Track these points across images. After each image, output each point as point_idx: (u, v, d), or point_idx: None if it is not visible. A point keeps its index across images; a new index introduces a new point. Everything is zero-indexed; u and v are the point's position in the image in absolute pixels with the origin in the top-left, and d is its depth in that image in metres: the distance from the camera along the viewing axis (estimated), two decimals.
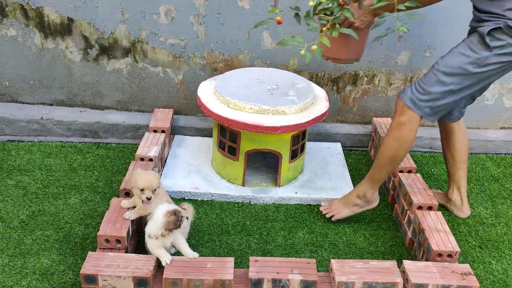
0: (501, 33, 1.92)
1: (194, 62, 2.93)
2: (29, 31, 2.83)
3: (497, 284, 2.16)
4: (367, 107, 3.12)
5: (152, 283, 1.82)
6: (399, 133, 2.16)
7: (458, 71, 2.01)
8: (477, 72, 1.99)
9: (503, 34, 1.92)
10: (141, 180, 2.04)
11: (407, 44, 2.91)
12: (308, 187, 2.64)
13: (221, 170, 2.64)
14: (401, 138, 2.16)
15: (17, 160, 2.73)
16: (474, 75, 2.01)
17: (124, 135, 3.04)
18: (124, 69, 2.95)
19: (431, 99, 2.07)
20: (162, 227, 1.89)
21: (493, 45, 1.93)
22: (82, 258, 2.09)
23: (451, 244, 2.05)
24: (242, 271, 1.92)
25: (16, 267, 2.06)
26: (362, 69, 2.98)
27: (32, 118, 2.96)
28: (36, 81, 2.99)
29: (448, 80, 2.03)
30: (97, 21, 2.80)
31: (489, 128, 3.27)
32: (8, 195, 2.46)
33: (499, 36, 1.92)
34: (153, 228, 1.92)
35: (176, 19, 2.80)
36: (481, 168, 3.00)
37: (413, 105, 2.10)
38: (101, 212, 2.39)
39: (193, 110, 3.10)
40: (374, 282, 1.83)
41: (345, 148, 3.10)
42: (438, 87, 2.05)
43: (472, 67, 1.99)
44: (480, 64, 1.98)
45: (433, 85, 2.06)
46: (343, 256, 2.25)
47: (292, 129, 2.35)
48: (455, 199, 2.53)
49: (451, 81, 2.03)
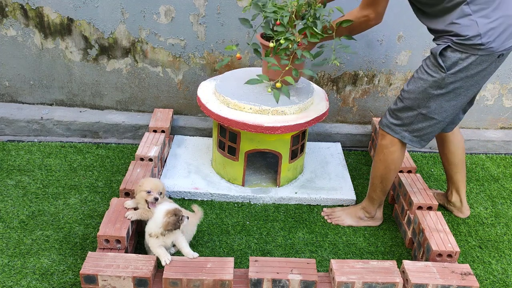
0: (451, 51, 1.91)
1: (194, 62, 2.93)
2: (29, 31, 2.83)
3: (497, 284, 2.16)
4: (367, 107, 3.12)
5: (152, 283, 1.82)
6: (382, 155, 2.22)
7: (421, 95, 2.02)
8: (440, 93, 1.99)
9: (453, 51, 1.90)
10: (147, 182, 2.09)
11: (407, 44, 2.91)
12: (308, 187, 2.64)
13: (221, 170, 2.64)
14: (385, 160, 2.22)
15: (17, 160, 2.73)
16: (438, 96, 2.00)
17: (124, 135, 3.04)
18: (124, 69, 2.95)
19: (404, 123, 2.12)
20: (162, 226, 1.89)
21: (446, 65, 1.92)
22: (82, 258, 2.09)
23: (451, 244, 2.05)
24: (242, 271, 1.92)
25: (16, 267, 2.06)
26: (362, 69, 2.98)
27: (32, 118, 2.96)
28: (36, 81, 2.99)
29: (414, 105, 2.06)
30: (97, 21, 2.80)
31: (489, 128, 3.27)
32: (8, 195, 2.46)
33: (450, 55, 1.91)
34: (153, 227, 1.92)
35: (176, 19, 2.80)
36: (481, 168, 3.00)
37: (389, 129, 2.17)
38: (101, 212, 2.39)
39: (193, 110, 3.10)
40: (374, 282, 1.83)
41: (345, 148, 3.10)
42: (406, 112, 2.09)
43: (432, 90, 1.99)
44: (440, 86, 1.97)
45: (401, 110, 2.11)
46: (343, 256, 2.25)
47: (292, 129, 2.35)
48: (454, 201, 2.54)
49: (417, 105, 2.05)
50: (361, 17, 2.04)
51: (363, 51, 2.92)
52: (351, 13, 2.09)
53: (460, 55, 1.89)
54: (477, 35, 1.84)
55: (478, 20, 1.83)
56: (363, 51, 2.92)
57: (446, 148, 2.45)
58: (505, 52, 1.93)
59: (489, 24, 1.84)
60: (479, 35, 1.84)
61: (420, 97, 2.03)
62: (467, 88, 1.99)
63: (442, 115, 2.05)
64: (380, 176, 2.27)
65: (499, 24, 1.85)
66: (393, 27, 2.84)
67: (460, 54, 1.89)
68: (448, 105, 2.02)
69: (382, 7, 2.01)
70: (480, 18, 1.84)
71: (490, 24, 1.84)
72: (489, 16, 1.84)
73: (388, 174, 2.25)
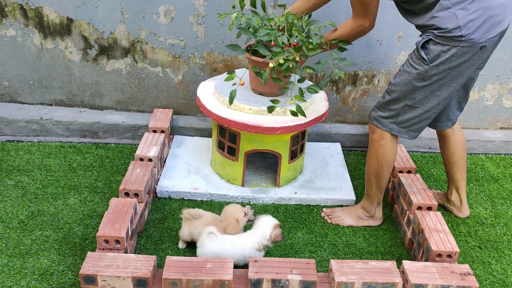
0: (433, 44, 1.97)
1: (193, 62, 2.93)
2: (29, 31, 2.83)
3: (497, 284, 2.16)
4: (366, 107, 3.12)
5: (152, 283, 1.82)
6: (374, 149, 2.27)
7: (406, 87, 2.09)
8: (424, 85, 2.05)
9: (435, 44, 1.96)
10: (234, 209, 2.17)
11: (406, 44, 2.91)
12: (308, 187, 2.63)
13: (220, 171, 2.64)
14: (377, 154, 2.26)
15: (17, 160, 2.73)
16: (422, 88, 2.06)
17: (124, 135, 3.04)
18: (124, 69, 2.95)
19: (391, 115, 2.18)
20: (272, 238, 2.02)
21: (429, 58, 1.99)
22: (81, 259, 2.09)
23: (450, 245, 2.05)
24: (241, 271, 1.92)
25: (15, 268, 2.06)
26: (361, 69, 2.98)
27: (31, 118, 2.95)
28: (35, 81, 2.99)
29: (400, 97, 2.12)
30: (97, 21, 2.80)
31: (489, 128, 3.27)
32: (7, 195, 2.46)
33: (432, 47, 1.97)
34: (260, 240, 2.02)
35: (176, 19, 2.80)
36: (481, 168, 3.00)
37: (377, 122, 2.22)
38: (101, 212, 2.39)
39: (192, 110, 3.10)
40: (373, 282, 1.83)
41: (345, 148, 3.10)
42: (393, 105, 2.16)
43: (416, 82, 2.06)
44: (423, 78, 2.03)
45: (389, 102, 2.17)
46: (342, 257, 2.25)
47: (291, 129, 2.35)
48: (454, 200, 2.54)
49: (403, 97, 2.11)
50: (356, 27, 2.10)
51: (362, 51, 2.92)
52: (344, 25, 2.15)
53: (442, 47, 1.95)
54: (457, 27, 1.89)
55: (457, 13, 1.88)
56: (363, 51, 2.92)
57: (446, 147, 2.46)
58: (487, 44, 1.97)
59: (468, 16, 1.88)
60: (459, 27, 1.89)
61: (405, 89, 2.09)
62: (451, 79, 2.04)
63: (427, 105, 2.11)
64: (374, 171, 2.29)
65: (478, 16, 1.89)
66: (392, 27, 2.83)
67: (442, 46, 1.95)
68: (432, 95, 2.08)
69: (374, 14, 2.08)
70: (459, 10, 1.88)
71: (469, 16, 1.88)
72: (468, 8, 1.88)
73: (381, 169, 2.28)
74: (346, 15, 2.25)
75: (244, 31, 2.17)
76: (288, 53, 2.10)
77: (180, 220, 2.24)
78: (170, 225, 2.35)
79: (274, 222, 2.06)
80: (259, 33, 2.14)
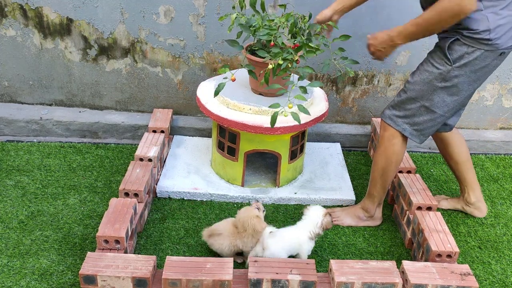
0: (459, 44, 1.95)
1: (193, 62, 2.93)
2: (28, 31, 2.83)
3: (496, 285, 2.16)
4: (366, 107, 3.12)
5: (151, 283, 1.82)
6: (383, 147, 2.25)
7: (426, 87, 2.07)
8: (444, 86, 2.03)
9: (461, 45, 1.95)
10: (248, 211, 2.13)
11: (406, 44, 2.89)
12: (308, 187, 2.63)
13: (220, 171, 2.64)
14: (386, 152, 2.24)
15: (16, 160, 2.73)
16: (442, 90, 2.04)
17: (123, 135, 3.04)
18: (124, 69, 2.95)
19: (406, 115, 2.15)
20: (323, 226, 2.09)
21: (453, 58, 1.97)
22: (81, 259, 2.09)
23: (450, 245, 2.05)
24: (241, 271, 1.92)
25: (15, 268, 2.06)
26: (361, 70, 2.98)
27: (31, 118, 2.95)
28: (35, 81, 2.99)
29: (418, 96, 2.10)
30: (97, 21, 2.80)
31: (489, 128, 3.27)
32: (7, 195, 2.46)
33: (457, 48, 1.96)
34: (311, 229, 2.07)
35: (176, 19, 2.80)
36: (481, 168, 3.00)
37: (391, 121, 2.20)
38: (100, 212, 2.39)
39: (192, 110, 3.10)
40: (373, 282, 1.83)
41: (345, 149, 3.10)
42: (409, 104, 2.13)
43: (437, 82, 2.04)
44: (444, 79, 2.02)
45: (405, 101, 2.14)
46: (342, 257, 2.25)
47: (291, 129, 2.35)
48: (475, 201, 2.51)
49: (421, 96, 2.09)
50: (454, 5, 1.79)
51: (363, 51, 2.91)
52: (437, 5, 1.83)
53: (466, 48, 1.94)
54: (486, 29, 1.89)
55: (488, 16, 1.88)
56: (363, 51, 2.91)
57: (450, 149, 2.44)
58: (506, 51, 1.98)
59: (499, 21, 1.88)
60: (489, 30, 1.89)
61: (424, 88, 2.07)
62: (469, 83, 2.03)
63: (444, 109, 2.09)
64: (381, 169, 2.27)
65: (507, 22, 1.90)
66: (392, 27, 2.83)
67: (467, 47, 1.94)
68: (450, 99, 2.07)
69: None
70: (491, 14, 1.88)
71: (499, 21, 1.89)
72: (499, 13, 1.88)
73: (389, 168, 2.26)
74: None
75: (244, 28, 2.17)
76: (287, 53, 2.10)
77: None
78: (170, 225, 2.35)
79: (323, 210, 2.13)
80: (259, 32, 2.13)
